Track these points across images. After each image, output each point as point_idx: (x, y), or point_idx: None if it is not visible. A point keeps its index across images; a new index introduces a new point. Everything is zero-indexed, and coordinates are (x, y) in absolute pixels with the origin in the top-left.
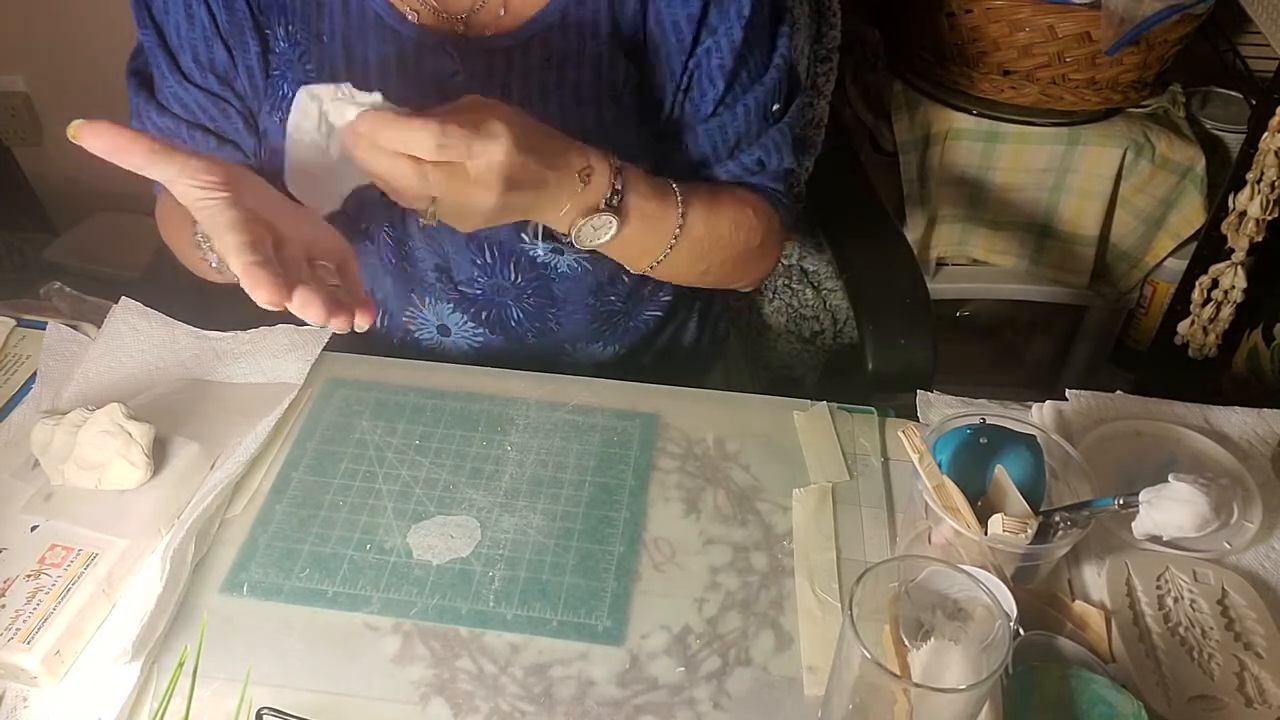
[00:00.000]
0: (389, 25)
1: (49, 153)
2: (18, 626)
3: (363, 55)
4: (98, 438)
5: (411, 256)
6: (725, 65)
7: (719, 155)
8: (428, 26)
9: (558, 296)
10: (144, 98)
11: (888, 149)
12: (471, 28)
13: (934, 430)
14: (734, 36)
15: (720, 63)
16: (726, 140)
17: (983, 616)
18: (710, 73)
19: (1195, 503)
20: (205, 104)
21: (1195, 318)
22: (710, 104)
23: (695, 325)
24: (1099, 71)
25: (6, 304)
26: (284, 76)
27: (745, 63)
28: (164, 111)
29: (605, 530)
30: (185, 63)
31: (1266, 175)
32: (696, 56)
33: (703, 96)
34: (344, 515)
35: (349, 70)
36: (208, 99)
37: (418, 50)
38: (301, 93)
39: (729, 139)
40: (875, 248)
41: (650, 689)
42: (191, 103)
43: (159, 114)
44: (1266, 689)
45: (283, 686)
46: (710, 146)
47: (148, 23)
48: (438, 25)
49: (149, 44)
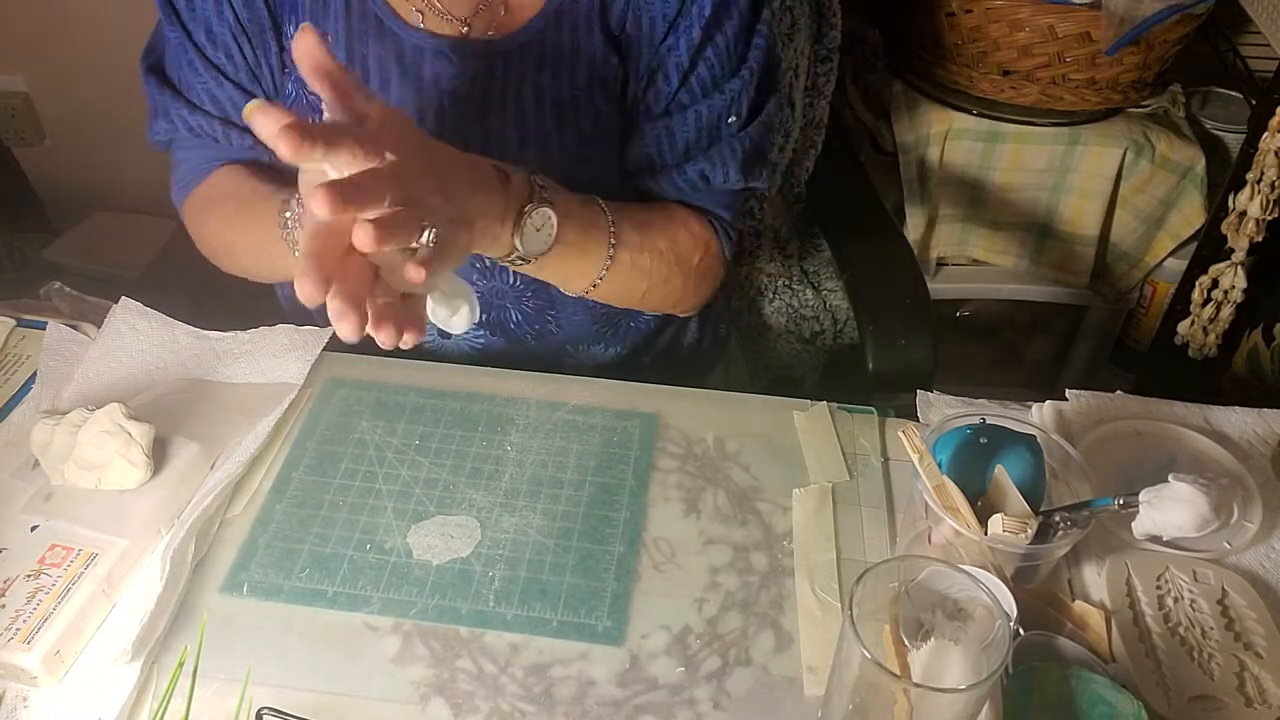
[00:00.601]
0: (390, 28)
1: (49, 153)
2: (18, 626)
3: (364, 57)
4: (98, 438)
5: None
6: (681, 65)
7: (664, 162)
8: (429, 30)
9: (556, 298)
10: (169, 95)
11: (888, 149)
12: (474, 30)
13: (934, 430)
14: (692, 35)
15: (677, 62)
16: (674, 146)
17: (983, 616)
18: (667, 71)
19: (1195, 503)
20: (240, 100)
21: (1195, 318)
22: (662, 103)
23: (695, 326)
24: (1099, 71)
25: (6, 304)
26: (290, 75)
27: (702, 66)
28: (195, 110)
29: (605, 530)
30: (219, 58)
31: (1266, 175)
32: (660, 54)
33: (656, 95)
34: (344, 515)
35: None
36: (241, 95)
37: (417, 53)
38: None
39: (676, 145)
40: (875, 248)
41: (650, 689)
42: (225, 99)
43: (190, 112)
44: (1266, 689)
45: (283, 686)
46: (655, 149)
47: (175, 20)
48: (439, 29)
49: (176, 40)
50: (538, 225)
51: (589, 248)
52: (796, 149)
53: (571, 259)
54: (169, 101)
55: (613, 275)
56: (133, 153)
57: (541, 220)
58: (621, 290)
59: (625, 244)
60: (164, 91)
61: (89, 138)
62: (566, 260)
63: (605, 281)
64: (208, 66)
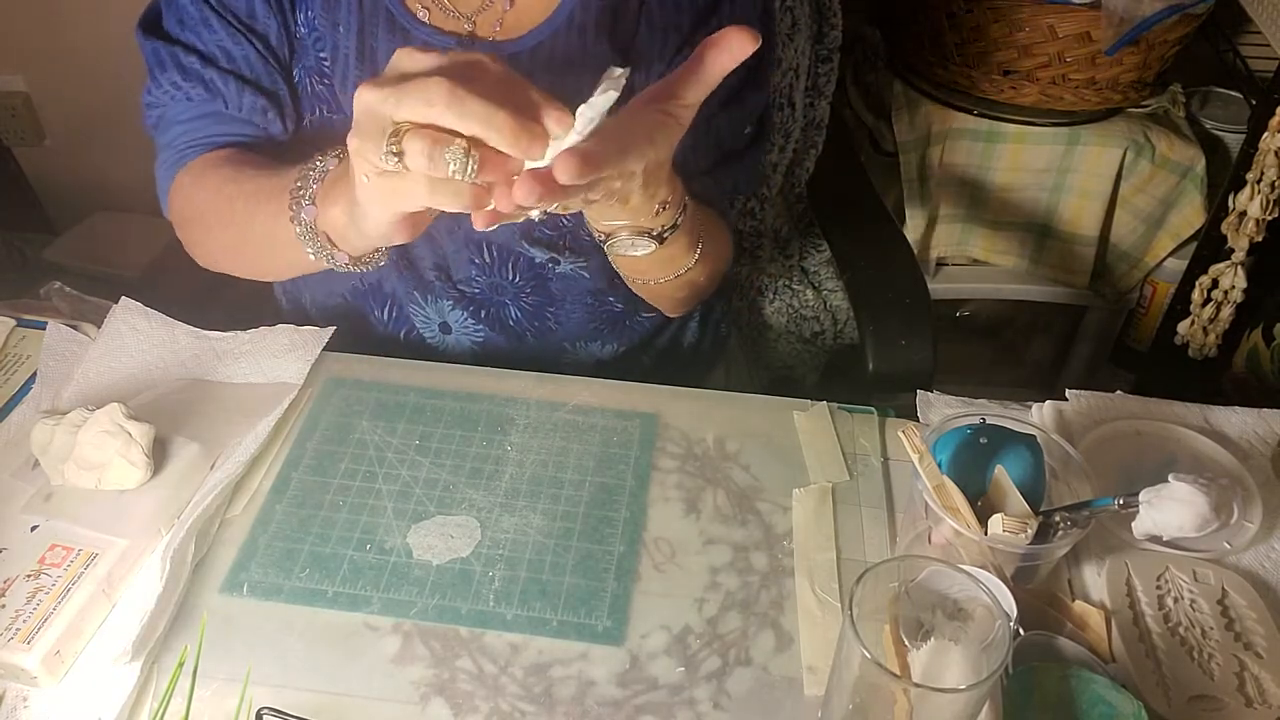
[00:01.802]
0: (399, 23)
1: (49, 153)
2: (18, 626)
3: (374, 50)
4: (98, 438)
5: (411, 255)
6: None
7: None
8: (437, 27)
9: (555, 296)
10: (180, 50)
11: (888, 149)
12: (479, 28)
13: (934, 430)
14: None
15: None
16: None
17: (983, 616)
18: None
19: (1195, 503)
20: (256, 64)
21: (1195, 318)
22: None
23: (696, 326)
24: (1099, 71)
25: (6, 304)
26: (298, 62)
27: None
28: (209, 64)
29: (605, 530)
30: (238, 18)
31: (1266, 175)
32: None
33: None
34: (344, 515)
35: (359, 62)
36: (259, 61)
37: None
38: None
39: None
40: (875, 248)
41: (650, 689)
42: (240, 58)
43: (204, 66)
44: (1266, 689)
45: (283, 686)
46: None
47: None
48: (445, 25)
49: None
50: (635, 244)
51: (664, 268)
52: (797, 149)
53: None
54: (179, 55)
55: (669, 284)
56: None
57: (641, 243)
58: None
59: (699, 267)
60: (172, 47)
61: (89, 138)
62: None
63: (657, 285)
64: (224, 24)
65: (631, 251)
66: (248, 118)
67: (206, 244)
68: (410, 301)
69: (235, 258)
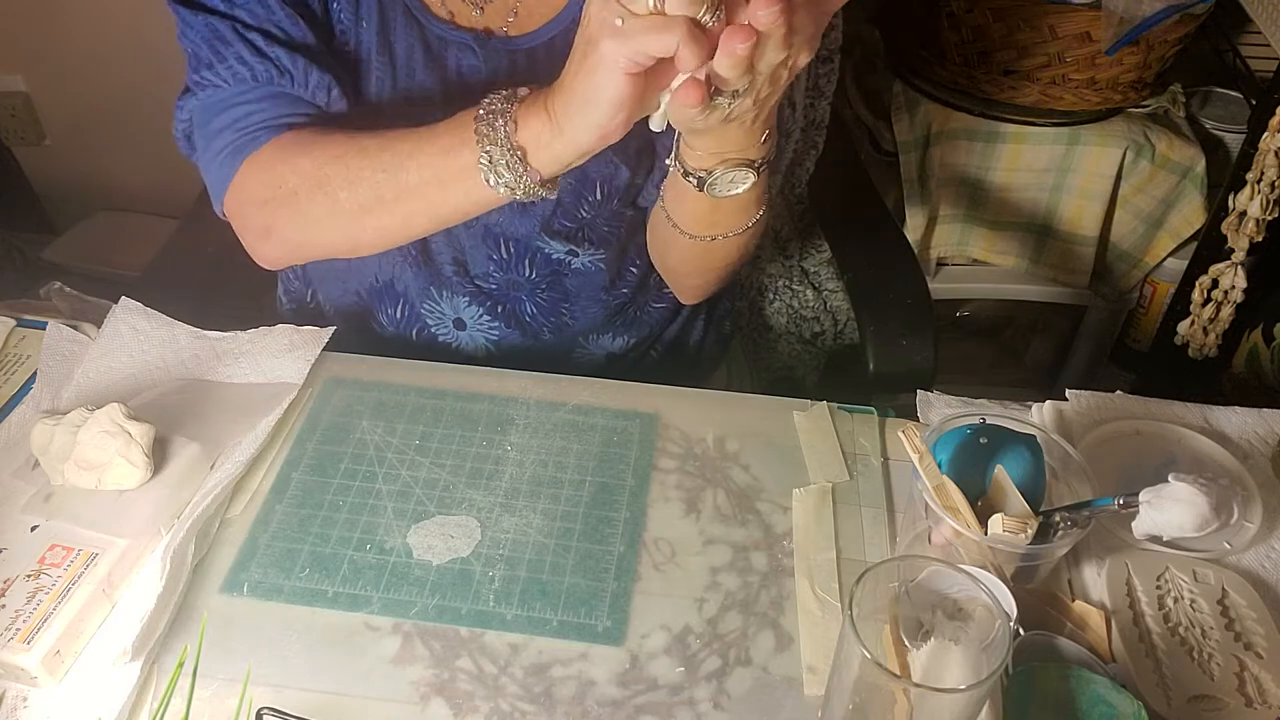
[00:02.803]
0: (416, 16)
1: (49, 153)
2: (18, 626)
3: (393, 43)
4: (98, 438)
5: (429, 250)
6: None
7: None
8: (452, 22)
9: (571, 291)
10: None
11: (888, 149)
12: (493, 22)
13: (934, 430)
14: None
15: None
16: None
17: (983, 616)
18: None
19: (1195, 503)
20: (314, 42)
21: (1195, 318)
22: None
23: (702, 322)
24: (1099, 71)
25: (6, 304)
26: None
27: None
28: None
29: (605, 530)
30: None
31: (1266, 175)
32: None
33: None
34: (344, 515)
35: (380, 56)
36: (315, 39)
37: (441, 44)
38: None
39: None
40: (875, 248)
41: (650, 689)
42: (299, 36)
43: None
44: (1266, 689)
45: (283, 686)
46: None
47: None
48: (461, 20)
49: None
50: (734, 178)
51: (761, 195)
52: (797, 149)
53: (714, 217)
54: (242, 32)
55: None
56: (133, 153)
57: (742, 176)
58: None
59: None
60: (228, 22)
61: (89, 138)
62: (714, 214)
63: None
64: (282, 4)
65: (732, 189)
66: (312, 97)
67: (314, 212)
68: (424, 299)
69: (359, 218)
